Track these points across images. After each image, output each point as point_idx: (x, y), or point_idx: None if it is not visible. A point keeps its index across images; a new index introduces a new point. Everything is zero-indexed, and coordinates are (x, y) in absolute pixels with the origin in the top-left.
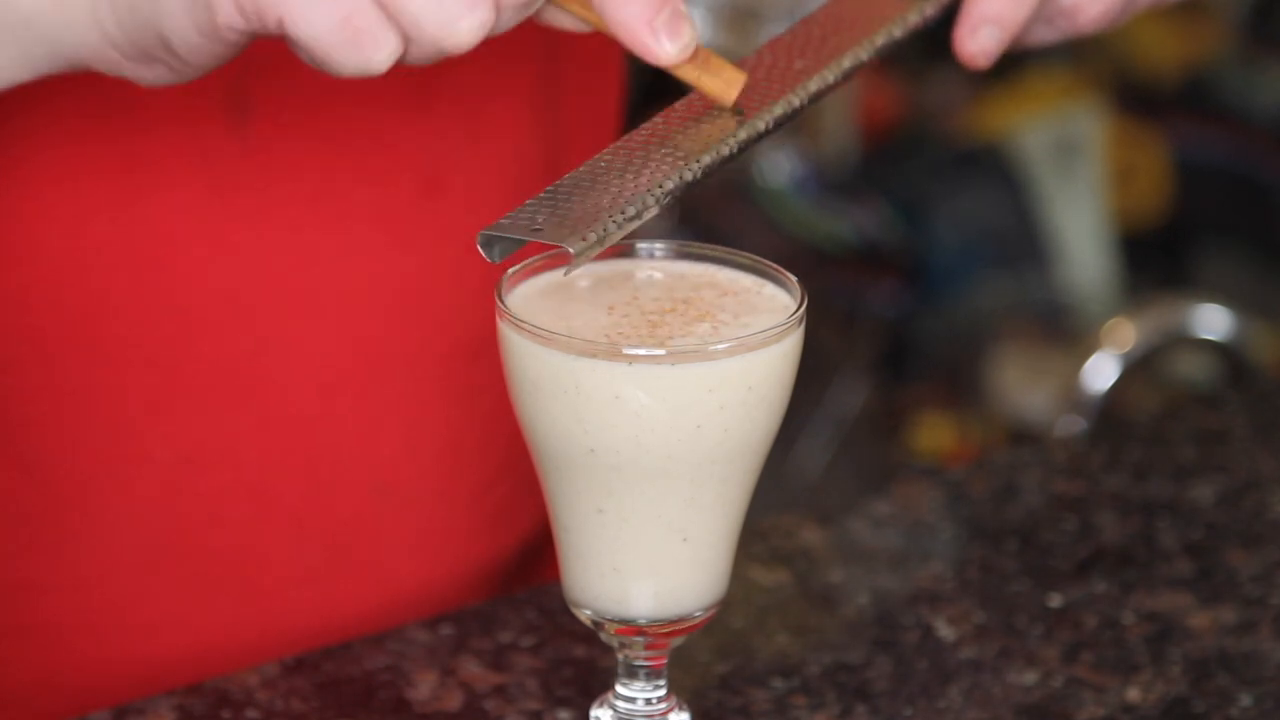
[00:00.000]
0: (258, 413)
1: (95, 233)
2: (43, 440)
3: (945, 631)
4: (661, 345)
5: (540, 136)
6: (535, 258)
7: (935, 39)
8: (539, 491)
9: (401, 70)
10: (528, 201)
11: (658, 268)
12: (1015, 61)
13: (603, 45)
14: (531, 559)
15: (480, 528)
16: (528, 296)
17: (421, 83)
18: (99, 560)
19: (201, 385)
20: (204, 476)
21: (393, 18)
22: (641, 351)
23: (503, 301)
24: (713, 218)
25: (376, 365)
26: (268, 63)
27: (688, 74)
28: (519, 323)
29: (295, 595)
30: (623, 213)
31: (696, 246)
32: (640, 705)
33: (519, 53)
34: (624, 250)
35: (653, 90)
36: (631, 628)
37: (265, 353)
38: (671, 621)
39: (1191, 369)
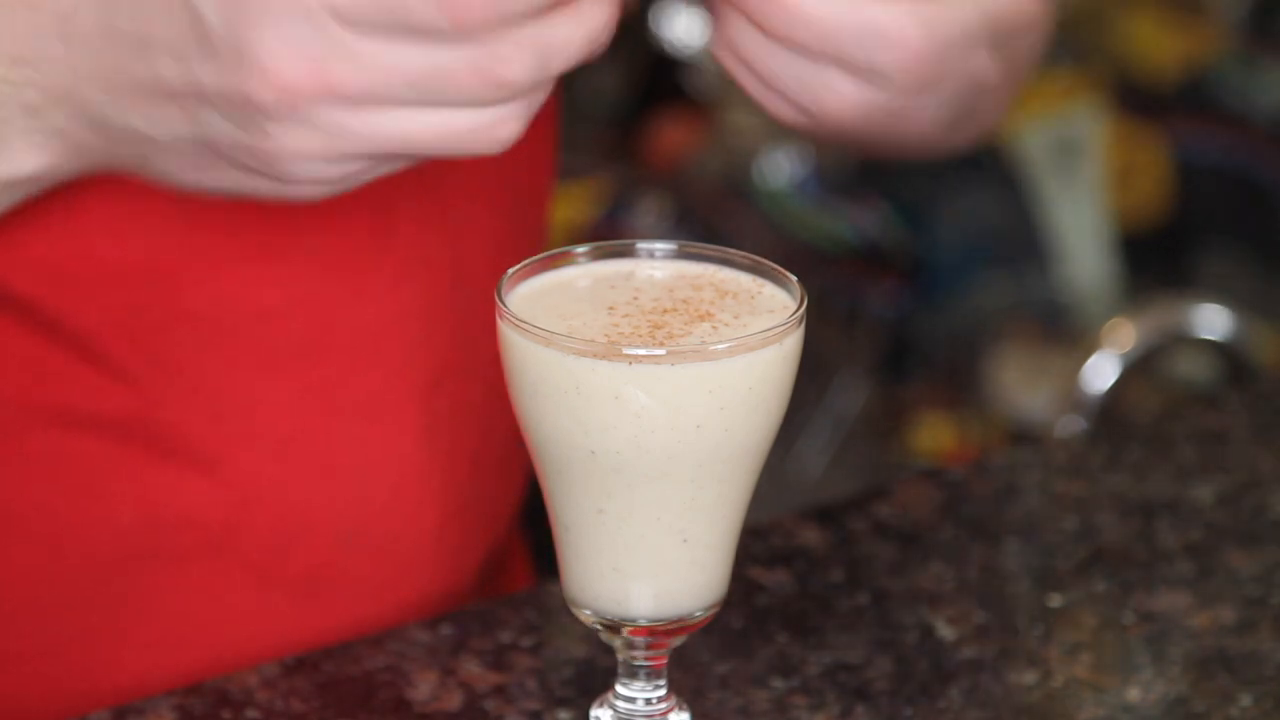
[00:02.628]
0: (217, 474)
1: (48, 293)
2: (13, 508)
3: (945, 631)
4: (661, 345)
5: (491, 167)
6: (534, 258)
7: None
8: (506, 508)
9: None
10: None
11: (658, 268)
12: None
13: None
14: (496, 569)
15: (446, 557)
16: (528, 296)
17: None
18: (62, 628)
19: (160, 448)
20: (166, 538)
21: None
22: (641, 351)
23: (503, 301)
24: (713, 218)
25: (332, 414)
26: None
27: None
28: (519, 323)
29: (260, 643)
30: None
31: (696, 246)
32: (640, 705)
33: None
34: (624, 250)
35: (649, 95)
36: (632, 628)
37: (221, 413)
38: (671, 621)
39: (1191, 369)
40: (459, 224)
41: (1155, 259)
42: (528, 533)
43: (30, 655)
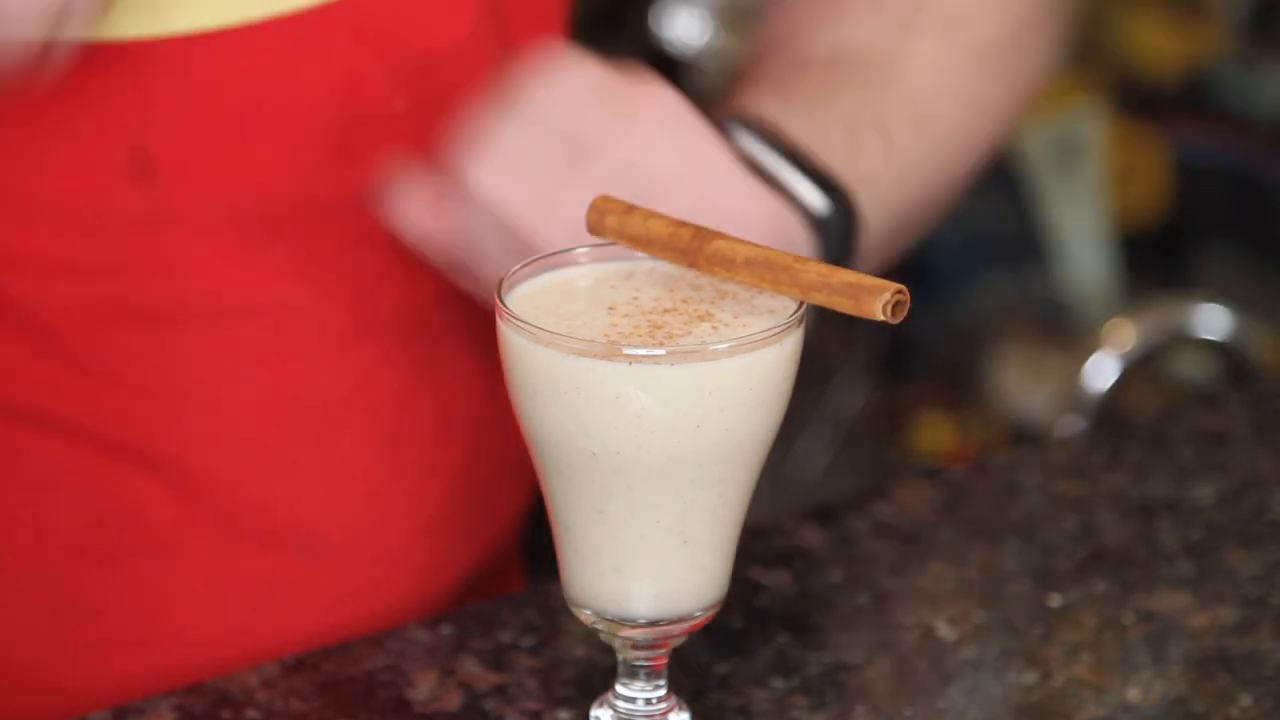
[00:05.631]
0: (168, 475)
1: (9, 283)
2: None
3: (945, 631)
4: (661, 345)
5: None
6: (534, 257)
7: None
8: (499, 527)
9: (322, 119)
10: None
11: (658, 267)
12: None
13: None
14: (485, 584)
15: (418, 574)
16: (528, 296)
17: (344, 132)
18: (8, 624)
19: (111, 448)
20: (114, 537)
21: None
22: (641, 351)
23: (503, 301)
24: None
25: (294, 420)
26: (168, 119)
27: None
28: (519, 323)
29: (212, 651)
30: None
31: None
32: (640, 705)
33: (459, 93)
34: (624, 250)
35: None
36: (632, 628)
37: (177, 414)
38: (671, 621)
39: (1191, 369)
40: None
41: (1155, 259)
42: (529, 533)
43: None
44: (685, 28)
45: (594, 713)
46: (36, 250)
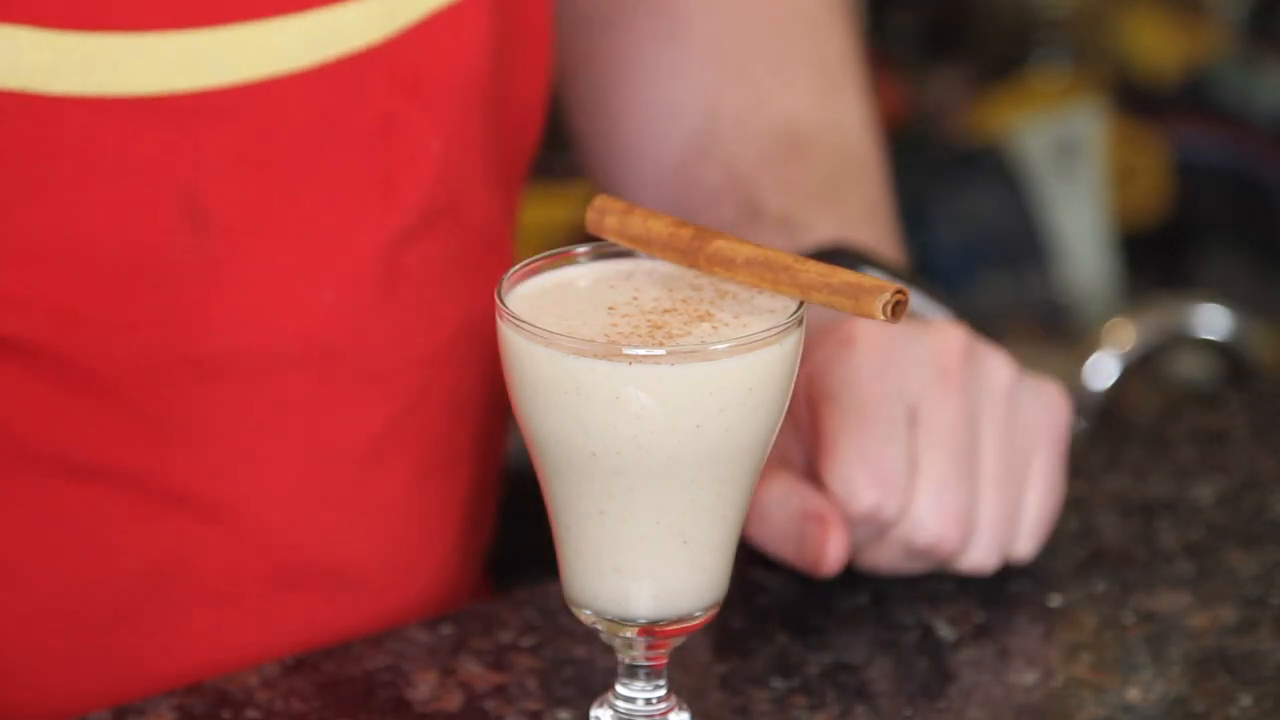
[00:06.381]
0: (222, 522)
1: (59, 346)
2: (13, 558)
3: (945, 631)
4: (661, 345)
5: (498, 203)
6: (534, 257)
7: (935, 40)
8: (479, 556)
9: (362, 163)
10: None
11: (658, 267)
12: (1015, 61)
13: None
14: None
15: (430, 609)
16: (528, 296)
17: (386, 176)
18: (52, 684)
19: (166, 498)
20: (166, 588)
21: None
22: (641, 351)
23: (503, 301)
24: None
25: (336, 463)
26: (219, 169)
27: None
28: (519, 323)
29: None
30: None
31: None
32: (640, 705)
33: (480, 127)
34: (624, 250)
35: None
36: (632, 628)
37: (228, 462)
38: (671, 621)
39: (1191, 369)
40: (468, 272)
41: (1155, 259)
42: (528, 532)
43: (24, 708)
44: None
45: (594, 713)
46: (92, 304)
